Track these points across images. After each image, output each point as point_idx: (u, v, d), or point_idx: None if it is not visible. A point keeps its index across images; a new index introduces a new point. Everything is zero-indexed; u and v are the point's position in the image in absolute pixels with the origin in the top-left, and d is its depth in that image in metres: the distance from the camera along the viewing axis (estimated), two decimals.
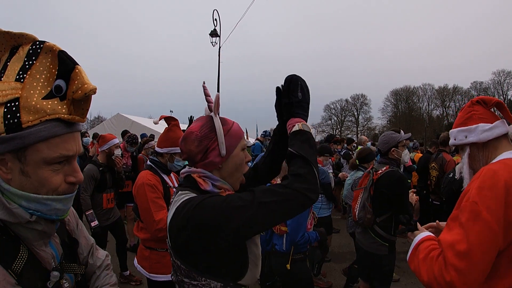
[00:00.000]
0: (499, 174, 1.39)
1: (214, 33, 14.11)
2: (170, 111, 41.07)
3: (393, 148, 3.26)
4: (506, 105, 1.73)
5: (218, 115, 1.36)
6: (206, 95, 1.43)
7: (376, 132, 59.42)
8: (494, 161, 1.57)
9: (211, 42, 14.23)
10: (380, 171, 3.21)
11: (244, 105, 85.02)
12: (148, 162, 3.04)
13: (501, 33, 70.47)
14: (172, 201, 1.34)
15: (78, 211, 4.56)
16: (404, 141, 3.35)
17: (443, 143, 5.45)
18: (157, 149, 2.99)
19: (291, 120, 1.40)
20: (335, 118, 65.52)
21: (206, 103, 1.40)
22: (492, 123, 1.62)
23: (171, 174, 3.10)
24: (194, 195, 1.25)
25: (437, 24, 76.84)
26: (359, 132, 62.63)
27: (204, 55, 76.35)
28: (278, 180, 2.91)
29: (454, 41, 74.10)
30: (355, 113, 64.90)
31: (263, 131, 8.52)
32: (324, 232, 3.19)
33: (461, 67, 70.29)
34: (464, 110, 1.74)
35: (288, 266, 2.81)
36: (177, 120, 2.99)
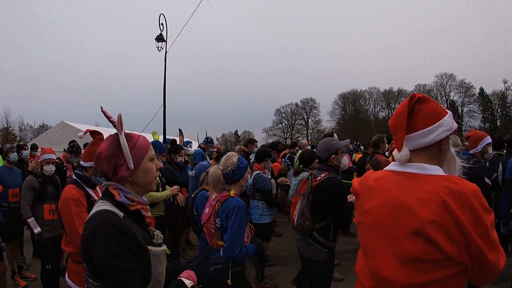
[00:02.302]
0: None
1: (160, 38, 13.83)
2: None
3: (332, 155, 3.27)
4: (448, 105, 1.75)
5: (123, 132, 1.48)
6: (108, 117, 1.60)
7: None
8: None
9: (157, 47, 13.94)
10: (319, 178, 3.20)
11: (193, 106, 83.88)
12: (73, 176, 3.06)
13: (445, 37, 74.58)
14: None
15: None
16: (344, 146, 3.41)
17: (375, 146, 5.67)
18: (81, 163, 3.00)
19: (190, 272, 1.54)
20: (286, 122, 66.89)
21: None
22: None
23: (97, 188, 3.08)
24: (106, 206, 1.41)
25: (383, 29, 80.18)
26: (309, 134, 64.20)
27: (152, 59, 73.86)
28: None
29: (398, 45, 77.61)
30: (305, 117, 66.54)
31: (205, 138, 8.43)
32: (262, 243, 3.13)
33: (406, 70, 73.70)
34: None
35: (229, 281, 2.66)
36: (101, 134, 3.03)
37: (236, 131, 68.57)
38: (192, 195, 3.89)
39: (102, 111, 1.63)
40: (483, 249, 1.25)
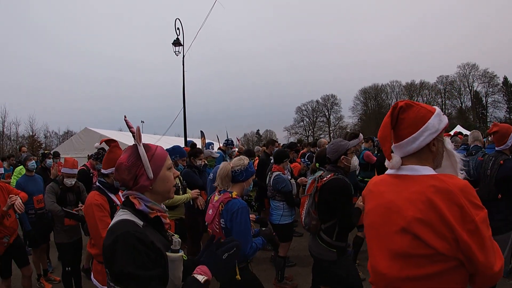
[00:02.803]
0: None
1: (177, 43, 13.99)
2: (142, 122, 40.56)
3: (342, 156, 3.29)
4: (472, 96, 1.81)
5: (142, 143, 1.58)
6: (129, 127, 1.68)
7: (348, 130, 60.40)
8: None
9: (175, 52, 14.11)
10: (325, 179, 3.23)
11: (213, 107, 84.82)
12: (97, 184, 3.24)
13: (465, 25, 72.79)
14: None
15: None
16: (353, 147, 3.41)
17: None
18: (102, 170, 3.15)
19: (202, 267, 1.55)
20: (307, 120, 66.61)
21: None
22: None
23: (119, 193, 3.26)
24: (127, 215, 1.50)
25: (401, 17, 78.64)
26: (331, 131, 63.78)
27: (170, 64, 74.64)
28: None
29: (419, 34, 76.06)
30: (326, 114, 66.08)
31: (225, 140, 8.52)
32: (269, 232, 3.18)
33: (427, 61, 71.97)
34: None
35: (238, 277, 2.75)
36: (116, 141, 3.22)
37: (258, 130, 68.97)
38: (208, 198, 3.97)
39: (125, 120, 1.76)
40: (471, 246, 1.29)
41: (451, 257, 1.33)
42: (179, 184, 4.98)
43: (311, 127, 65.69)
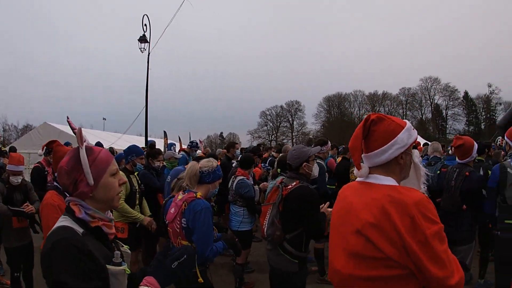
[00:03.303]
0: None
1: (143, 39, 13.67)
2: (103, 119, 39.38)
3: (304, 163, 3.20)
4: (432, 109, 1.91)
5: (84, 146, 1.47)
6: (72, 128, 1.58)
7: (311, 137, 61.56)
8: None
9: (140, 49, 13.78)
10: (290, 186, 3.12)
11: (177, 107, 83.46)
12: (54, 183, 3.12)
13: (430, 40, 76.30)
14: None
15: None
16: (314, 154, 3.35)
17: None
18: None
19: (149, 278, 1.52)
20: (271, 124, 66.89)
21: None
22: None
23: None
24: (67, 222, 1.41)
25: (369, 35, 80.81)
26: (294, 137, 64.54)
27: (136, 58, 72.65)
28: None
29: (384, 51, 78.04)
30: (290, 119, 66.71)
31: (190, 142, 8.34)
32: (231, 237, 3.15)
33: (390, 74, 74.70)
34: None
35: (200, 280, 2.71)
36: (56, 140, 3.11)
37: (221, 133, 68.45)
38: (164, 201, 3.85)
39: (68, 122, 1.63)
40: (421, 258, 1.33)
41: (400, 264, 1.37)
42: (136, 188, 4.77)
43: (274, 132, 66.09)
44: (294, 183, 3.13)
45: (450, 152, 5.62)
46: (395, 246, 1.36)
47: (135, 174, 4.99)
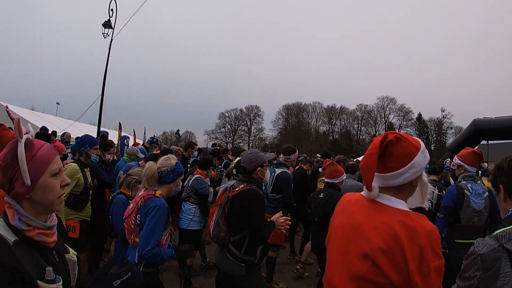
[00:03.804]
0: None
1: (107, 24, 13.10)
2: (57, 103, 37.17)
3: (258, 168, 3.20)
4: (386, 127, 1.89)
5: (23, 140, 1.30)
6: (12, 119, 1.38)
7: (267, 142, 62.19)
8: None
9: (103, 33, 13.19)
10: (237, 189, 3.10)
11: (134, 99, 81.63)
12: None
13: (390, 61, 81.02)
14: None
15: None
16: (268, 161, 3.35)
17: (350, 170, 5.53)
18: None
19: None
20: (229, 126, 66.92)
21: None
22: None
23: None
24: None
25: (333, 53, 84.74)
26: (251, 141, 64.93)
27: (97, 41, 69.27)
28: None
29: (346, 68, 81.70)
30: (248, 123, 67.16)
31: (150, 138, 8.08)
32: (187, 250, 3.07)
33: (349, 90, 77.52)
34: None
35: None
36: (2, 124, 2.72)
37: (178, 130, 67.38)
38: (110, 198, 3.71)
39: (7, 111, 1.44)
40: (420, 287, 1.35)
41: None
42: (90, 184, 4.45)
43: (231, 134, 66.14)
44: (242, 185, 3.12)
45: None
46: (401, 273, 1.36)
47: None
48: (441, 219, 3.87)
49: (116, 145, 10.41)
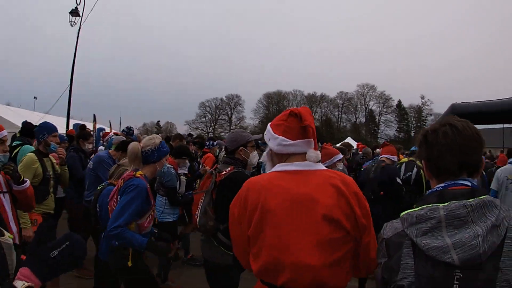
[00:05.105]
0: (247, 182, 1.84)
1: (74, 12, 12.54)
2: (34, 98, 37.00)
3: (241, 147, 3.00)
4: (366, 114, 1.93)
5: None
6: None
7: (248, 131, 61.82)
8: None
9: (70, 22, 12.64)
10: (224, 172, 2.89)
11: (110, 89, 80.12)
12: None
13: (368, 48, 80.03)
14: None
15: None
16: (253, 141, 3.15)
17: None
18: None
19: (24, 270, 1.28)
20: (209, 116, 66.75)
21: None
22: (292, 140, 1.71)
23: None
24: None
25: (313, 34, 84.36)
26: (231, 130, 64.32)
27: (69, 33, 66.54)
28: None
29: (326, 55, 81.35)
30: (229, 112, 67.13)
31: (126, 128, 7.78)
32: (164, 248, 2.92)
33: (330, 78, 77.38)
34: (281, 116, 1.86)
35: (129, 263, 2.60)
36: None
37: (158, 121, 66.70)
38: (98, 188, 3.46)
39: None
40: (368, 225, 1.59)
41: (353, 236, 1.57)
42: (50, 173, 4.12)
43: (212, 124, 66.07)
44: (229, 168, 2.92)
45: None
46: (350, 220, 1.54)
47: (50, 156, 4.29)
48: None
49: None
